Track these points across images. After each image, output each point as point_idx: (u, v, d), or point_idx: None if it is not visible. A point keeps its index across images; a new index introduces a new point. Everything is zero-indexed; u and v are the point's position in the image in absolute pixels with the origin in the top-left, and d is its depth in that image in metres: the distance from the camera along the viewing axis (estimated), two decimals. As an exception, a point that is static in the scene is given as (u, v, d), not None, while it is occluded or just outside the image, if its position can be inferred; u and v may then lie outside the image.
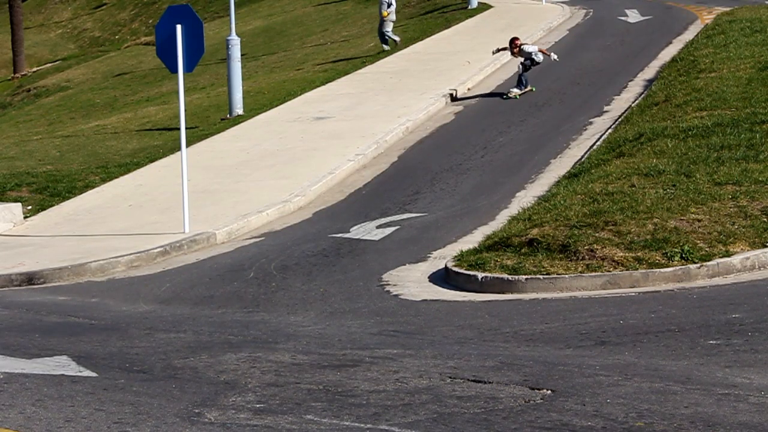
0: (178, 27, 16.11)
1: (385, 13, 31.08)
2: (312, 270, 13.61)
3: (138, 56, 44.49)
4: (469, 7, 37.07)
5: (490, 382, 7.84)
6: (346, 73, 28.71)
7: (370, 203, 17.43)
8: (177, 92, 17.25)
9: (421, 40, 32.65)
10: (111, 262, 14.89)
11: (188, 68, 16.34)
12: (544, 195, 15.20)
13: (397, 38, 31.63)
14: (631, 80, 24.22)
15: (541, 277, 11.77)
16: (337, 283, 12.91)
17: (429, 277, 12.86)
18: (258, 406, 7.52)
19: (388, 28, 31.36)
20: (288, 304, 12.15)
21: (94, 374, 8.63)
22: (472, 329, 10.18)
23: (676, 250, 11.80)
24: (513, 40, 24.01)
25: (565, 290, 11.58)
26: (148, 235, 16.10)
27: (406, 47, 31.62)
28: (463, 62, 27.94)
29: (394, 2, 31.35)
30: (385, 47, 31.31)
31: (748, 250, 11.89)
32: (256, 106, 25.93)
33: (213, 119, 25.59)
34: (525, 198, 15.78)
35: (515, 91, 23.88)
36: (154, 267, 14.86)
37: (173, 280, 13.94)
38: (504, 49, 24.34)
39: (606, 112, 21.58)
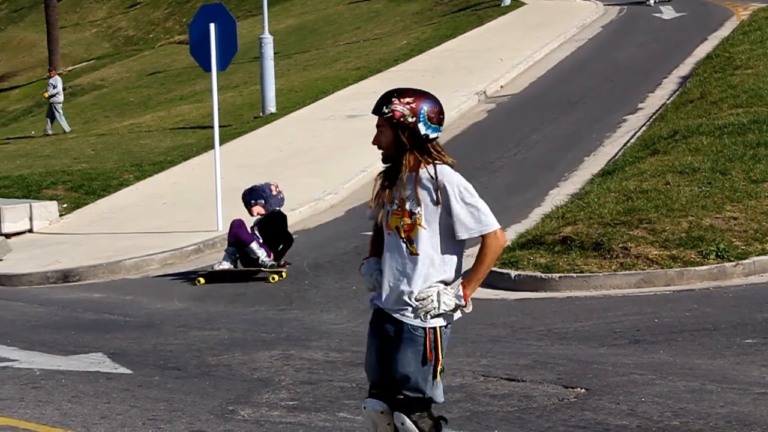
0: (212, 25, 16.16)
1: (45, 94, 30.40)
2: (345, 268, 13.60)
3: (172, 55, 44.70)
4: (502, 5, 36.97)
5: (523, 381, 7.81)
6: (379, 71, 28.69)
7: (402, 201, 17.38)
8: (210, 90, 17.30)
9: (454, 37, 32.58)
10: (145, 260, 14.96)
11: (221, 67, 16.38)
12: (578, 193, 15.13)
13: (66, 127, 29.79)
14: (666, 77, 24.06)
15: (574, 275, 11.71)
16: (370, 281, 12.89)
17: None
18: (291, 403, 7.53)
19: (58, 109, 30.04)
20: (321, 301, 12.16)
21: (128, 371, 8.68)
22: (505, 327, 10.14)
23: (712, 248, 11.70)
24: None
25: (599, 288, 11.52)
26: (181, 233, 16.17)
27: (438, 45, 31.56)
28: (496, 60, 27.86)
29: (59, 85, 30.14)
30: (47, 130, 29.96)
31: (784, 249, 11.77)
32: (289, 104, 25.98)
33: (246, 117, 25.67)
34: (558, 196, 15.70)
35: None
36: (188, 265, 14.92)
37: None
38: None
39: (640, 109, 21.45)
